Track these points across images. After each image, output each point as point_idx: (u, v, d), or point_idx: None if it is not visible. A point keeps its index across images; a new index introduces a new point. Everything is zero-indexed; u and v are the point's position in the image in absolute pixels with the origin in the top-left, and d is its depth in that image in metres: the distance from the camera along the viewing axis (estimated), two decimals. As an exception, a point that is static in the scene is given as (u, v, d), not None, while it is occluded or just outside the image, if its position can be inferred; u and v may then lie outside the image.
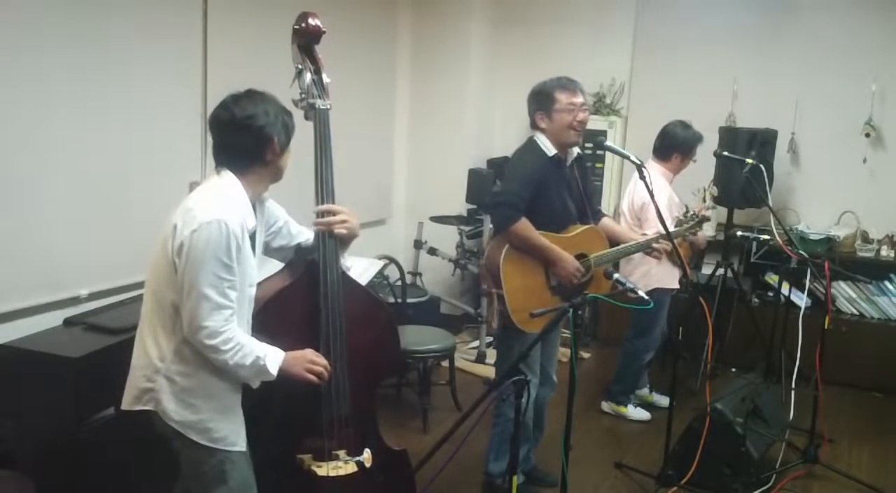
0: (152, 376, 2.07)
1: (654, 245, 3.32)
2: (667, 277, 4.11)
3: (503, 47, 5.83)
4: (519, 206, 2.97)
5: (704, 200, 4.43)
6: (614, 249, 3.25)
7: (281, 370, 2.12)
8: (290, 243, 2.40)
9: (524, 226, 2.98)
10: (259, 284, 2.40)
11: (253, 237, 2.15)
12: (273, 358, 2.11)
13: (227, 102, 2.11)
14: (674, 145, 4.13)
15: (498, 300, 2.99)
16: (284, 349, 2.17)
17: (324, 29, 2.37)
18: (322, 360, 2.23)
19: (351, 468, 2.38)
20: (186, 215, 2.01)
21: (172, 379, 2.06)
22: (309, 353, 2.23)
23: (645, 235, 3.55)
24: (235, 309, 2.04)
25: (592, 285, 3.16)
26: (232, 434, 2.14)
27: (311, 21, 2.35)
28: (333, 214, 2.32)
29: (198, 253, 1.96)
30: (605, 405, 4.40)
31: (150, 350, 2.07)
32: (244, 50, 3.94)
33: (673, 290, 4.14)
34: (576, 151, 3.20)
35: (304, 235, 2.42)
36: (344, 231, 2.33)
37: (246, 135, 2.08)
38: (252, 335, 2.15)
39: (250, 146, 2.09)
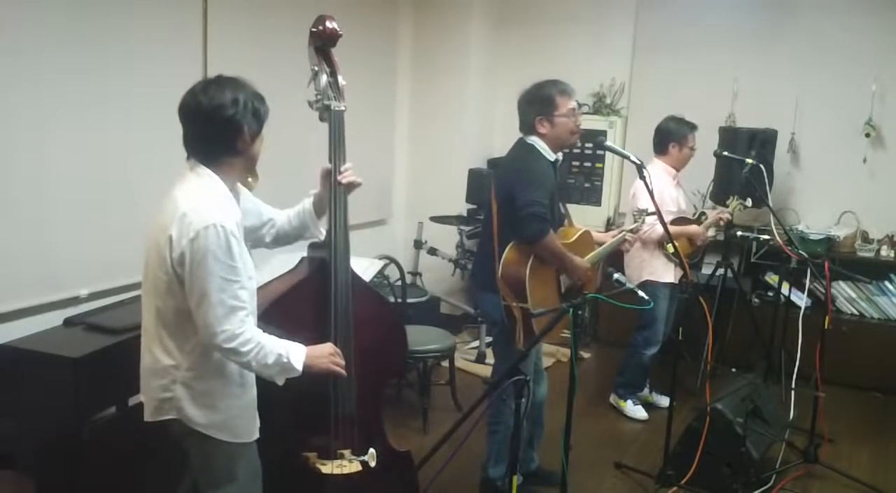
0: (169, 386, 2.05)
1: (626, 237, 3.37)
2: (660, 269, 4.12)
3: (503, 47, 5.84)
4: (548, 217, 2.96)
5: (727, 205, 4.40)
6: (599, 249, 3.27)
7: (305, 366, 2.11)
8: (260, 220, 2.36)
9: (553, 237, 2.98)
10: (269, 282, 2.40)
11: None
12: (296, 354, 2.10)
13: (195, 89, 2.04)
14: (666, 137, 4.18)
15: (522, 314, 2.96)
16: None
17: (340, 32, 2.37)
18: (340, 353, 2.24)
19: (355, 466, 2.39)
20: (181, 223, 1.96)
21: (190, 385, 2.05)
22: (329, 346, 2.23)
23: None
24: (249, 309, 2.03)
25: (590, 284, 3.18)
26: (253, 426, 2.16)
27: (328, 24, 2.36)
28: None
29: (201, 260, 1.94)
30: (612, 397, 4.44)
31: (163, 360, 2.05)
32: (244, 50, 3.94)
33: (668, 284, 4.14)
34: (560, 154, 3.21)
35: (273, 214, 2.40)
36: (361, 181, 2.42)
37: (215, 125, 2.02)
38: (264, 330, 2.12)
39: (220, 136, 2.04)
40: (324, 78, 2.35)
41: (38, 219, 3.12)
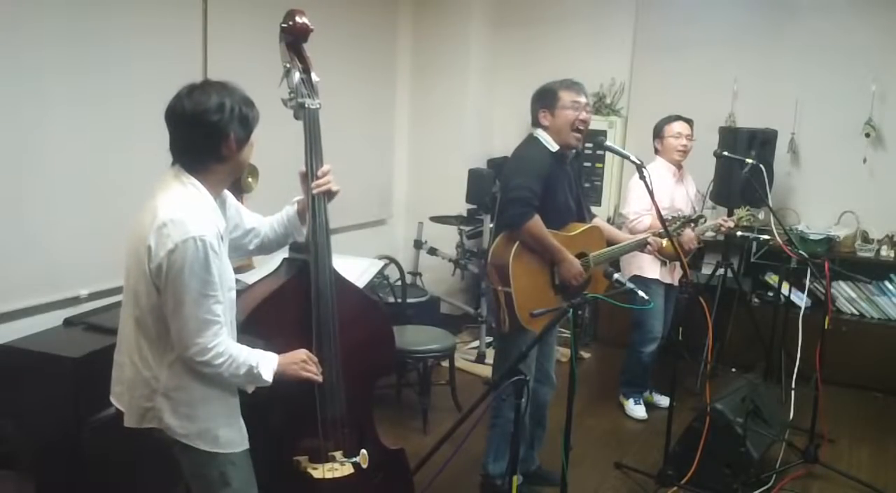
0: (150, 396, 2.04)
1: (649, 239, 3.36)
2: (645, 265, 4.12)
3: (503, 47, 5.84)
4: (533, 202, 2.95)
5: (731, 214, 4.40)
6: (611, 248, 3.26)
7: (276, 375, 2.10)
8: (242, 229, 2.31)
9: (537, 223, 2.97)
10: (252, 286, 2.37)
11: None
12: (266, 365, 2.08)
13: (181, 93, 2.00)
14: (653, 135, 4.26)
15: (505, 298, 2.97)
16: (278, 351, 2.15)
17: (311, 27, 2.31)
18: (314, 358, 2.22)
19: (347, 469, 2.37)
20: (159, 234, 1.92)
21: (170, 396, 2.03)
22: (302, 353, 2.21)
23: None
24: (223, 323, 2.00)
25: (591, 284, 3.17)
26: (237, 436, 2.13)
27: (298, 19, 2.31)
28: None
29: (178, 273, 1.91)
30: (619, 396, 4.46)
31: (143, 371, 2.04)
32: (244, 50, 3.94)
33: (656, 280, 4.13)
34: (572, 149, 3.21)
35: (256, 222, 2.35)
36: (338, 188, 2.32)
37: (200, 131, 1.98)
38: (245, 338, 2.12)
39: (205, 143, 1.99)
40: (296, 75, 2.31)
41: (38, 219, 3.12)
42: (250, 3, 4.05)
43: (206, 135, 1.98)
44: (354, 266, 3.74)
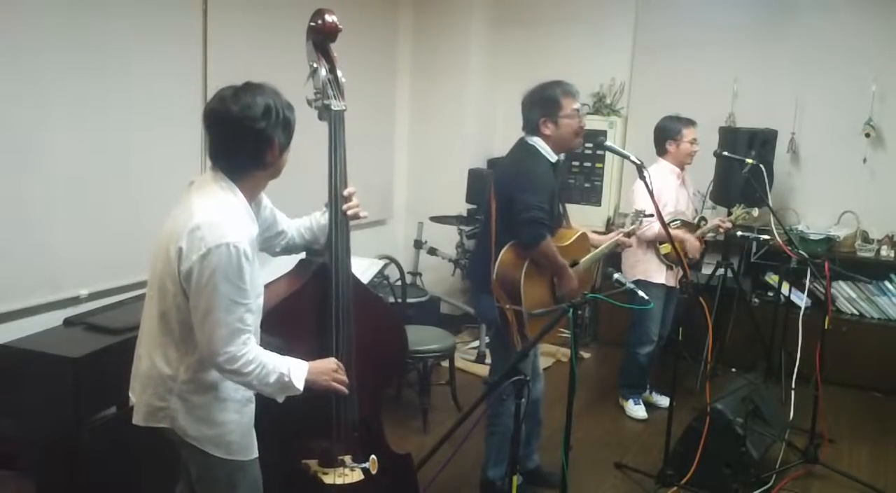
0: (165, 396, 2.00)
1: (619, 239, 3.36)
2: (652, 270, 4.13)
3: (503, 47, 5.83)
4: (546, 222, 2.95)
5: (729, 214, 4.40)
6: (594, 252, 3.27)
7: (307, 383, 2.06)
8: (274, 230, 2.31)
9: (550, 244, 2.98)
10: (267, 286, 2.38)
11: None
12: (297, 372, 2.04)
13: (224, 95, 1.94)
14: (662, 136, 4.20)
15: (515, 316, 2.96)
16: (293, 351, 2.12)
17: (340, 26, 2.30)
18: (343, 368, 2.19)
19: (357, 475, 2.36)
20: (192, 237, 1.88)
21: (186, 398, 2.00)
22: (332, 363, 2.17)
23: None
24: (252, 332, 1.97)
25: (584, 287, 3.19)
26: (249, 444, 2.11)
27: (327, 18, 2.28)
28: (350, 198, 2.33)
29: (209, 279, 1.87)
30: (619, 397, 4.46)
31: (162, 368, 2.00)
32: (244, 49, 3.94)
33: (659, 284, 4.13)
34: (562, 154, 3.20)
35: (284, 223, 2.34)
36: (365, 215, 2.35)
37: (245, 137, 1.93)
38: (262, 336, 2.10)
39: (249, 149, 1.95)
40: (323, 74, 2.29)
41: (38, 219, 3.12)
42: (250, 3, 4.05)
43: (251, 141, 1.95)
44: (354, 266, 3.72)
